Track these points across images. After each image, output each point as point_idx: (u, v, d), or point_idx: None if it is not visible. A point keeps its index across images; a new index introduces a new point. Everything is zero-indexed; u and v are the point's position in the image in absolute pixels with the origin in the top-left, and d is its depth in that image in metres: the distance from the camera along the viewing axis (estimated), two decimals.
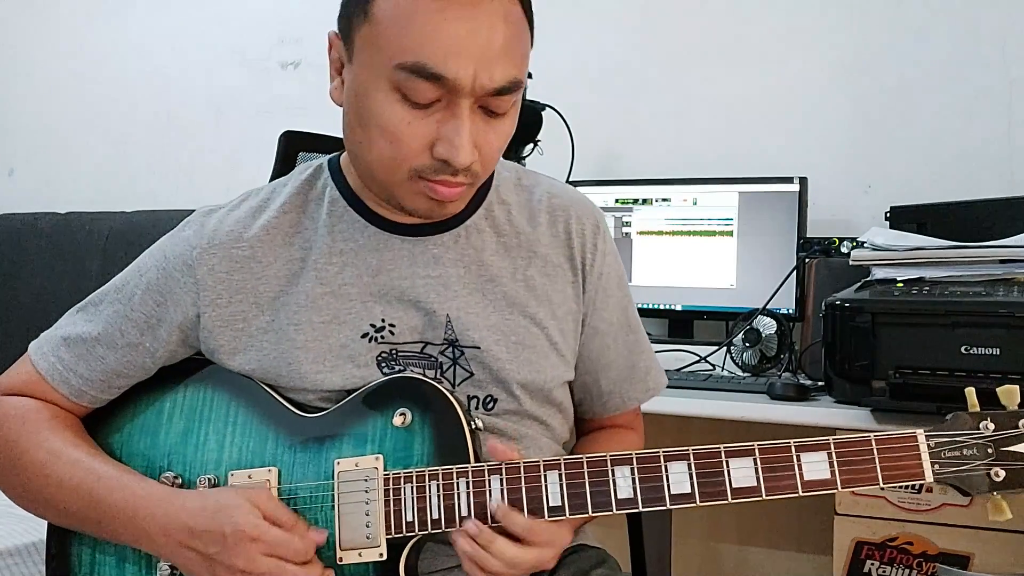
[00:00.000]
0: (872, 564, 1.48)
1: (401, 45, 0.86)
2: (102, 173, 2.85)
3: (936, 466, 0.85)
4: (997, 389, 0.87)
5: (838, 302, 1.49)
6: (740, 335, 1.83)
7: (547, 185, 1.09)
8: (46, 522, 1.02)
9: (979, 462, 0.85)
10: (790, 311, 1.87)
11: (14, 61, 2.99)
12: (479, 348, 0.99)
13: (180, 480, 0.97)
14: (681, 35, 2.20)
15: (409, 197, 0.94)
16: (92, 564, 1.00)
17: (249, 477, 0.95)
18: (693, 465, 0.88)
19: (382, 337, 0.98)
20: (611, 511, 0.89)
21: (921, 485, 1.44)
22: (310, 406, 0.99)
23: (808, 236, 1.90)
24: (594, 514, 0.90)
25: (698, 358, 1.87)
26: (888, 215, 1.77)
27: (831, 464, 0.86)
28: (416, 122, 0.88)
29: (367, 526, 0.91)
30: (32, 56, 2.96)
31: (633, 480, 0.88)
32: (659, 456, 0.88)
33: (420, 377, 0.97)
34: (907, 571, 1.46)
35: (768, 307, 1.81)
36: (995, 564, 1.40)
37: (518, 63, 0.89)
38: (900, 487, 1.45)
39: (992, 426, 0.85)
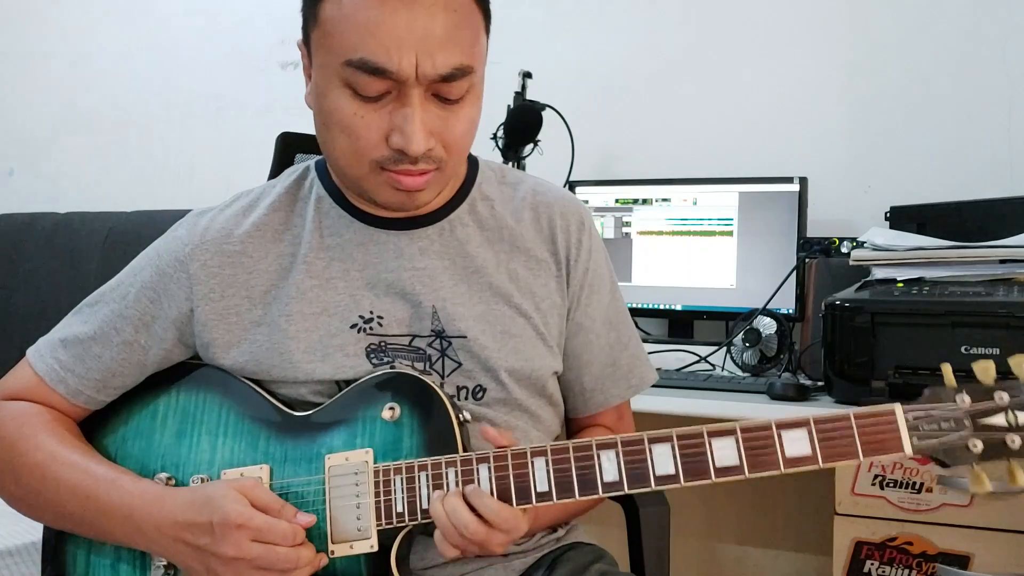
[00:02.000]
0: (872, 564, 1.48)
1: (344, 43, 0.89)
2: (102, 173, 2.85)
3: (914, 439, 0.86)
4: (972, 364, 0.87)
5: (838, 302, 1.49)
6: (740, 335, 1.83)
7: (532, 183, 1.10)
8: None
9: (957, 434, 0.86)
10: (790, 311, 1.87)
11: (14, 61, 2.99)
12: (466, 338, 1.01)
13: (174, 481, 0.99)
14: (681, 35, 2.20)
15: (377, 190, 0.96)
16: (87, 564, 1.01)
17: (241, 475, 0.96)
18: (676, 446, 0.88)
19: (371, 328, 1.00)
20: (598, 494, 0.89)
21: (921, 484, 1.44)
22: (301, 402, 1.00)
23: (808, 236, 1.90)
24: (581, 497, 0.90)
25: (698, 358, 1.88)
26: (888, 215, 1.78)
27: (811, 440, 0.86)
28: (369, 115, 0.91)
29: (358, 518, 0.92)
30: (32, 56, 2.96)
31: (618, 463, 0.89)
32: (643, 439, 0.89)
33: (408, 371, 0.98)
34: (907, 571, 1.46)
35: (768, 307, 1.81)
36: (995, 564, 1.40)
37: (465, 48, 0.91)
38: (899, 487, 1.45)
39: (968, 399, 0.86)
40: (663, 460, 0.88)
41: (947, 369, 0.89)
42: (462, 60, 0.90)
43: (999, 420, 0.85)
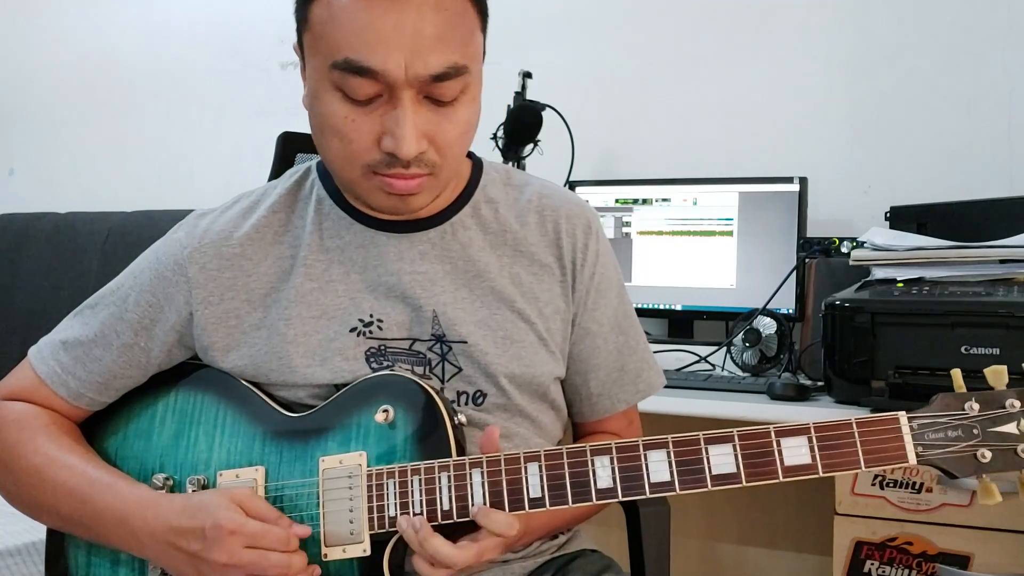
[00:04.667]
0: (872, 564, 1.48)
1: (332, 44, 0.88)
2: (102, 173, 2.85)
3: (919, 448, 0.83)
4: (985, 370, 0.84)
5: (838, 302, 1.49)
6: (740, 335, 1.83)
7: (538, 186, 1.09)
8: None
9: (964, 443, 0.82)
10: (790, 311, 1.87)
11: (14, 61, 2.99)
12: (466, 343, 1.00)
13: (171, 481, 0.99)
14: (681, 35, 2.20)
15: (370, 194, 0.95)
16: (88, 563, 1.01)
17: (237, 476, 0.96)
18: (672, 453, 0.87)
19: (370, 332, 0.99)
20: (591, 501, 0.88)
21: (921, 484, 1.44)
22: (298, 404, 1.00)
23: (808, 236, 1.89)
24: (574, 504, 0.88)
25: (698, 358, 1.87)
26: (888, 215, 1.77)
27: (812, 449, 0.84)
28: (360, 118, 0.90)
29: (351, 522, 0.92)
30: (32, 56, 2.96)
31: (613, 469, 0.87)
32: (638, 445, 0.88)
33: (402, 374, 0.97)
34: (907, 571, 1.46)
35: (768, 307, 1.81)
36: (995, 564, 1.40)
37: (457, 48, 0.89)
38: (899, 487, 1.45)
39: (977, 406, 0.83)
40: (658, 467, 0.87)
41: (956, 374, 0.85)
42: (455, 59, 0.88)
43: (1010, 428, 0.82)
